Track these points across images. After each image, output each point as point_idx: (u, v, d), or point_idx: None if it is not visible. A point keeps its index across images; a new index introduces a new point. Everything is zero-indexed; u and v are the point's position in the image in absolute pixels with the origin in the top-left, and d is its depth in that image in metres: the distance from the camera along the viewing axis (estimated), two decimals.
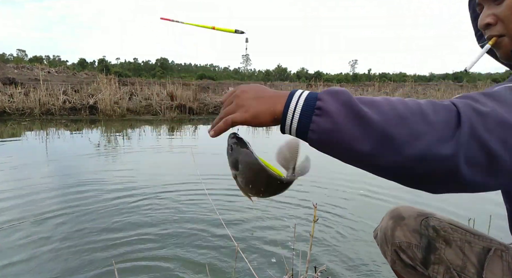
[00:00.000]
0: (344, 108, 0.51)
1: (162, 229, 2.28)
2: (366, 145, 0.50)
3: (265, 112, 0.59)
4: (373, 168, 0.54)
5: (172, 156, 4.74)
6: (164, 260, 1.89)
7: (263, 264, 1.86)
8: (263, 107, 0.59)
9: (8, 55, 65.78)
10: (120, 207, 2.65)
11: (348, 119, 0.51)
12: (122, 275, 1.70)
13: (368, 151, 0.50)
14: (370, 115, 0.50)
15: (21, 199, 2.78)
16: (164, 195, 2.95)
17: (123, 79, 16.99)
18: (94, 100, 9.13)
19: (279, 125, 0.59)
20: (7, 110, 8.34)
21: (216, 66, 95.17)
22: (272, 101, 0.59)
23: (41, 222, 2.34)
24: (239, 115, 0.62)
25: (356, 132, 0.50)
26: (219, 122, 0.64)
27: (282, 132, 0.60)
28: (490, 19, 0.70)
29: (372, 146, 0.50)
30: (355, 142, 0.51)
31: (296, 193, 3.08)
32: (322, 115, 0.52)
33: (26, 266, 1.79)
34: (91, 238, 2.13)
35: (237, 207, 2.70)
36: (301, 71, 64.75)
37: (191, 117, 9.47)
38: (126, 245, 2.05)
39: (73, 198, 2.81)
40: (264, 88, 0.63)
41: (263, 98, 0.60)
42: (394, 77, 41.15)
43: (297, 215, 2.57)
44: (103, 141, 5.67)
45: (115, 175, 3.56)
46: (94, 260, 1.86)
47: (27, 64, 19.14)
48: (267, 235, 2.21)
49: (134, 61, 72.60)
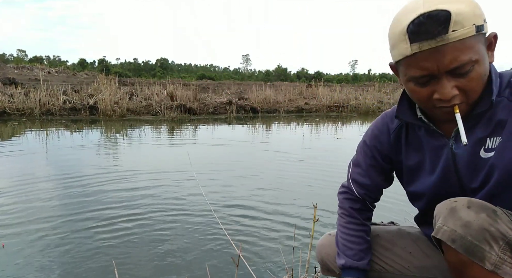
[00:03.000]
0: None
1: (162, 228, 2.28)
2: None
3: None
4: None
5: (172, 156, 4.73)
6: (164, 260, 1.89)
7: (263, 264, 1.86)
8: None
9: (8, 55, 65.85)
10: (118, 207, 2.65)
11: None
12: (122, 275, 1.70)
13: None
14: None
15: (20, 198, 2.78)
16: (164, 194, 2.95)
17: (123, 79, 17.01)
18: (94, 100, 9.13)
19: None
20: (7, 110, 8.34)
21: (216, 66, 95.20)
22: None
23: (41, 222, 2.34)
24: None
25: None
26: None
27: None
28: (456, 91, 0.75)
29: None
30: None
31: (296, 193, 3.08)
32: None
33: (28, 265, 1.79)
34: (91, 237, 2.13)
35: (236, 207, 2.70)
36: (301, 71, 64.73)
37: (191, 117, 9.47)
38: (126, 244, 2.05)
39: (73, 198, 2.82)
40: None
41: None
42: (394, 77, 41.10)
43: (297, 215, 2.57)
44: (103, 141, 5.68)
45: (115, 174, 3.55)
46: (94, 260, 1.86)
47: (27, 65, 19.17)
48: (267, 235, 2.21)
49: (134, 61, 72.63)
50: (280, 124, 8.77)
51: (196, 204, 2.75)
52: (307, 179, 3.53)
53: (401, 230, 1.11)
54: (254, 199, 2.89)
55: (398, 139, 0.97)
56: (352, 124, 9.06)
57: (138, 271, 1.77)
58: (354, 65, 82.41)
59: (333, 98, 12.23)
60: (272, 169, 4.00)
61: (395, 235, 1.10)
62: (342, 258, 1.06)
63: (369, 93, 13.47)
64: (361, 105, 11.87)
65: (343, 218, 1.11)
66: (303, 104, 11.87)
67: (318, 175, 3.68)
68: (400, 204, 2.59)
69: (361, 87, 18.09)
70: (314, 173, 3.78)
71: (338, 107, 11.83)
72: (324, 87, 14.08)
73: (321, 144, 5.87)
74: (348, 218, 1.09)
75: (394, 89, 16.39)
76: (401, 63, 0.79)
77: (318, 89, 13.71)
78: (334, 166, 4.03)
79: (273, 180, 3.52)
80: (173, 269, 1.80)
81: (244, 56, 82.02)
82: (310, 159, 4.51)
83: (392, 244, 1.08)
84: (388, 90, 16.03)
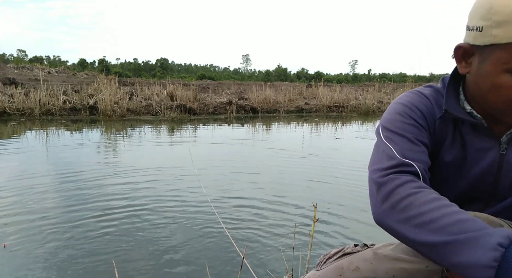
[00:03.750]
0: None
1: (162, 228, 2.28)
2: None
3: None
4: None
5: (172, 156, 4.73)
6: (163, 258, 1.89)
7: (263, 264, 1.86)
8: None
9: (8, 55, 65.78)
10: (119, 207, 2.65)
11: None
12: (122, 273, 1.70)
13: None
14: None
15: (20, 197, 2.78)
16: (165, 192, 2.95)
17: (123, 79, 17.02)
18: (94, 101, 9.13)
19: None
20: (7, 111, 8.34)
21: (216, 66, 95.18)
22: None
23: (41, 222, 2.34)
24: None
25: None
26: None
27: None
28: None
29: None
30: None
31: (296, 193, 3.08)
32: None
33: (29, 266, 1.79)
34: (90, 237, 2.13)
35: (237, 207, 2.70)
36: (301, 71, 64.74)
37: (191, 117, 9.47)
38: (126, 244, 2.05)
39: (73, 197, 2.82)
40: None
41: None
42: (394, 77, 41.16)
43: (297, 215, 2.57)
44: (103, 141, 5.68)
45: (115, 173, 3.56)
46: (95, 259, 1.86)
47: (27, 65, 19.17)
48: (267, 235, 2.21)
49: (134, 61, 72.60)
50: (280, 124, 8.76)
51: (197, 202, 2.75)
52: (307, 179, 3.53)
53: (378, 254, 1.00)
54: (254, 199, 2.89)
55: (441, 130, 0.82)
56: (352, 124, 9.06)
57: (138, 270, 1.77)
58: (354, 65, 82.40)
59: (333, 98, 12.23)
60: (272, 168, 4.00)
61: (374, 261, 0.99)
62: (490, 235, 0.56)
63: (369, 93, 13.47)
64: (361, 105, 11.87)
65: (425, 197, 0.65)
66: (303, 104, 11.87)
67: (319, 175, 3.68)
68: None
69: (361, 87, 18.09)
70: (315, 173, 3.78)
71: (338, 107, 11.83)
72: (324, 87, 14.08)
73: (321, 144, 5.87)
74: (430, 193, 0.67)
75: (394, 89, 16.39)
76: (503, 48, 0.64)
77: (318, 89, 13.71)
78: (336, 167, 4.03)
79: (273, 179, 3.52)
80: (173, 268, 1.80)
81: (244, 56, 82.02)
82: (311, 159, 4.51)
83: (374, 272, 1.01)
84: (388, 90, 16.03)
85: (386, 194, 0.69)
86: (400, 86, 18.73)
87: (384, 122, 0.83)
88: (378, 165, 0.75)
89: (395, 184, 0.69)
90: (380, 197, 0.70)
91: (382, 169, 0.73)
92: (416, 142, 0.77)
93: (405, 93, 0.87)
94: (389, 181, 0.70)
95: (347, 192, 3.15)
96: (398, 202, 0.66)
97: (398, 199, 0.66)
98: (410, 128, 0.78)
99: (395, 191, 0.68)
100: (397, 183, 0.69)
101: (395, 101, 0.86)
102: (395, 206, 0.67)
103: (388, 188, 0.69)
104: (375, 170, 0.75)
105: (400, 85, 19.36)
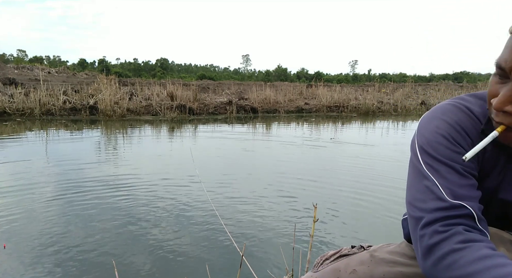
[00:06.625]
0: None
1: (162, 228, 2.28)
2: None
3: None
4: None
5: (172, 155, 4.73)
6: (164, 259, 1.89)
7: (263, 264, 1.86)
8: None
9: (8, 55, 65.77)
10: (119, 206, 2.65)
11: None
12: (122, 275, 1.70)
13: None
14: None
15: (20, 198, 2.78)
16: (164, 194, 2.95)
17: (123, 79, 17.03)
18: (94, 101, 9.13)
19: None
20: (7, 111, 8.34)
21: (216, 66, 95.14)
22: None
23: (41, 223, 2.34)
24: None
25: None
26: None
27: None
28: (511, 108, 0.59)
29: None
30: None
31: (296, 193, 3.08)
32: None
33: (29, 266, 1.79)
34: (90, 237, 2.13)
35: (237, 207, 2.70)
36: (301, 71, 64.73)
37: (191, 117, 9.47)
38: (126, 244, 2.05)
39: (72, 198, 2.82)
40: None
41: None
42: (394, 77, 41.16)
43: (297, 215, 2.58)
44: (103, 141, 5.67)
45: (114, 175, 3.56)
46: (95, 260, 1.86)
47: (27, 65, 19.15)
48: (267, 235, 2.21)
49: (134, 61, 72.59)
50: (280, 124, 8.76)
51: (198, 201, 2.75)
52: (307, 179, 3.53)
53: (375, 257, 0.99)
54: (254, 199, 2.89)
55: (492, 159, 0.71)
56: (352, 124, 9.06)
57: (138, 270, 1.77)
58: (354, 65, 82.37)
59: (333, 98, 12.23)
60: (272, 168, 4.00)
61: (371, 264, 1.00)
62: None
63: (369, 93, 13.47)
64: (361, 105, 11.87)
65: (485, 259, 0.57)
66: (303, 104, 11.88)
67: (319, 175, 3.68)
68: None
69: (361, 87, 18.09)
70: (315, 173, 3.78)
71: (338, 107, 11.83)
72: (324, 87, 14.08)
73: (321, 144, 5.87)
74: (480, 248, 0.58)
75: (394, 89, 16.39)
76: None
77: (318, 89, 13.71)
78: (336, 167, 4.03)
79: (274, 179, 3.53)
80: (173, 267, 1.80)
81: (244, 56, 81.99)
82: (311, 159, 4.51)
83: (371, 275, 0.99)
84: (388, 90, 16.03)
85: (427, 249, 0.61)
86: (400, 86, 18.73)
87: (423, 144, 0.70)
88: (420, 204, 0.65)
89: (439, 238, 0.60)
90: (421, 250, 0.62)
91: (425, 210, 0.64)
92: (466, 175, 0.66)
93: (448, 106, 0.72)
94: (433, 233, 0.61)
95: (347, 192, 3.15)
96: (440, 259, 0.59)
97: (439, 256, 0.59)
98: (459, 158, 0.66)
99: (438, 247, 0.60)
100: (442, 237, 0.60)
101: (436, 115, 0.72)
102: (437, 264, 0.59)
103: (431, 242, 0.61)
104: (416, 209, 0.65)
105: (400, 85, 19.37)
